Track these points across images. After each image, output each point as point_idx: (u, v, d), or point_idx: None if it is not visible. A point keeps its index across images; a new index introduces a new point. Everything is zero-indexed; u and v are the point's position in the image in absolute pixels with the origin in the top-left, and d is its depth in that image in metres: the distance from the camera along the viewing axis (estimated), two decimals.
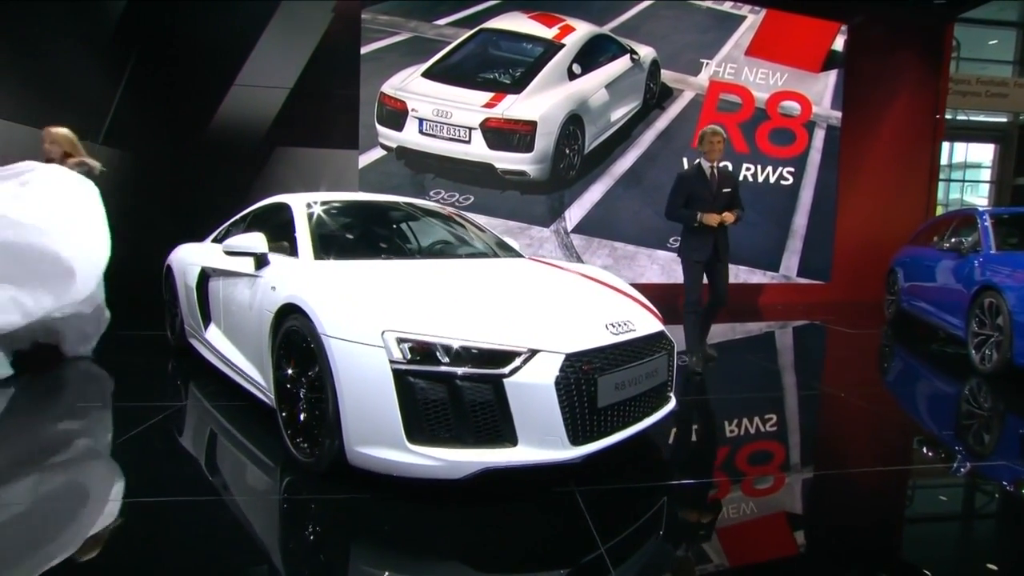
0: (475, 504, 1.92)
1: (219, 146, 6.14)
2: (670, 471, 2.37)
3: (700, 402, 3.25)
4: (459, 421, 1.83)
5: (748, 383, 3.75)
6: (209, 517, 1.86)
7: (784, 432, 2.87)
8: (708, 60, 7.05)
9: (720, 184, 3.65)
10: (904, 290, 5.70)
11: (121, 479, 2.18)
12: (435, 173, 6.45)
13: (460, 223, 3.49)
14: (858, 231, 7.65)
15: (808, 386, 3.78)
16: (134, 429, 2.57)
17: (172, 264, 4.03)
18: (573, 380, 1.87)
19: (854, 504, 2.14)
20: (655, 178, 6.99)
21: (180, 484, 2.08)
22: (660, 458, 2.48)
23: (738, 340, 5.39)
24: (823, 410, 3.25)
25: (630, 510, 1.94)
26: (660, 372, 2.26)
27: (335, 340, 1.93)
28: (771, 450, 2.64)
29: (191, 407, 2.98)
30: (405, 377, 1.81)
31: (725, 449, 2.61)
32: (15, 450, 2.42)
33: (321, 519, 1.88)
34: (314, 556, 1.67)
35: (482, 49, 6.45)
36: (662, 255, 7.06)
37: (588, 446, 1.90)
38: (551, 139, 6.42)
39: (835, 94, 7.49)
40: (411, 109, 6.17)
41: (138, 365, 3.84)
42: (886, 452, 2.66)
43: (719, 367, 3.92)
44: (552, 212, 6.79)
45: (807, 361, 4.85)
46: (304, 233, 2.69)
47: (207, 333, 3.35)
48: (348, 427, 1.89)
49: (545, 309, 2.14)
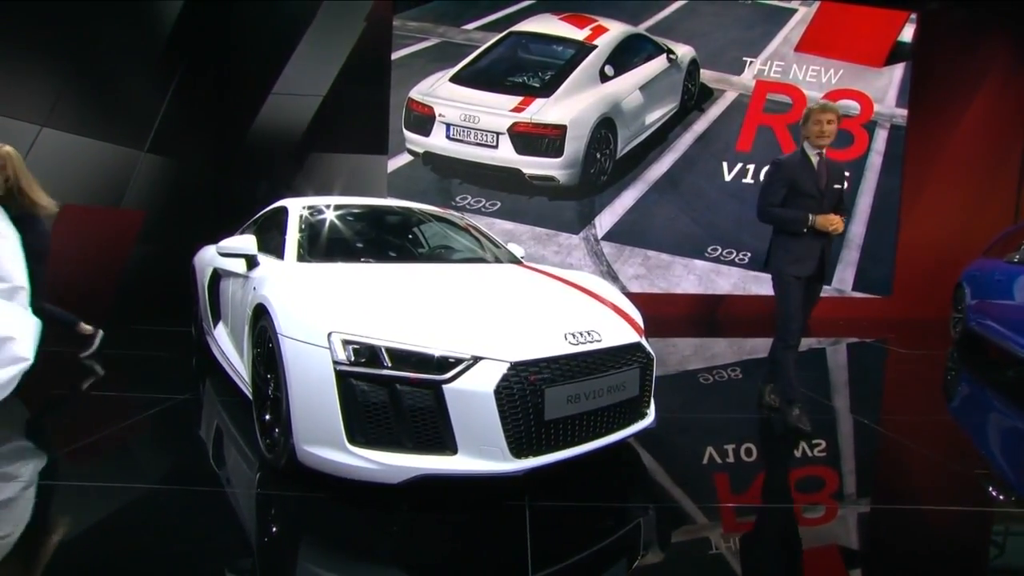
0: (422, 510, 1.94)
1: (257, 153, 6.55)
2: (637, 493, 2.28)
3: (712, 422, 3.11)
4: (399, 425, 1.86)
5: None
6: (163, 505, 1.98)
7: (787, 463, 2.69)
8: (752, 58, 6.78)
9: (830, 179, 2.86)
10: (972, 308, 5.20)
11: (97, 464, 2.36)
12: (462, 179, 6.56)
13: (460, 228, 3.53)
14: (925, 241, 7.07)
15: (853, 412, 3.44)
16: (131, 418, 2.79)
17: (195, 264, 4.32)
18: (517, 390, 1.85)
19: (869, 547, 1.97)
20: (692, 183, 6.79)
21: (151, 472, 2.23)
22: (635, 477, 2.39)
23: None
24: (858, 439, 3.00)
25: (578, 533, 1.89)
26: (629, 386, 2.19)
27: (288, 340, 2.02)
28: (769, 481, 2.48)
29: (192, 401, 3.18)
30: (347, 379, 1.86)
31: (718, 475, 2.46)
32: (6, 432, 2.68)
33: (270, 515, 1.97)
34: (248, 550, 1.74)
35: (511, 53, 6.52)
36: (699, 265, 6.82)
37: (531, 460, 1.88)
38: (581, 143, 6.38)
39: (901, 90, 6.98)
40: (438, 114, 6.32)
41: (157, 359, 4.15)
42: (936, 493, 2.42)
43: (746, 385, 3.72)
44: (582, 219, 6.73)
45: (858, 385, 4.36)
46: (293, 236, 2.83)
47: (216, 331, 3.57)
48: (296, 426, 1.97)
49: (504, 316, 2.13)
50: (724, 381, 4.15)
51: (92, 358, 3.97)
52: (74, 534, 1.79)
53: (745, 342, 5.70)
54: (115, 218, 5.34)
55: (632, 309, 2.62)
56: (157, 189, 5.70)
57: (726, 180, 6.82)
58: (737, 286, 6.88)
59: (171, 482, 2.18)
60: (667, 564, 1.77)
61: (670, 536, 1.93)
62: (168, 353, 4.31)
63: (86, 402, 3.14)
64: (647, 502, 2.18)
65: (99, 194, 5.11)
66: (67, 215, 4.68)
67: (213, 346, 3.66)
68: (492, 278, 2.72)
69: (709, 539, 1.90)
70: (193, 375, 3.76)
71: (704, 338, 5.88)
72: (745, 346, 5.54)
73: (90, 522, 1.88)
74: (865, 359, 5.26)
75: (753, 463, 2.58)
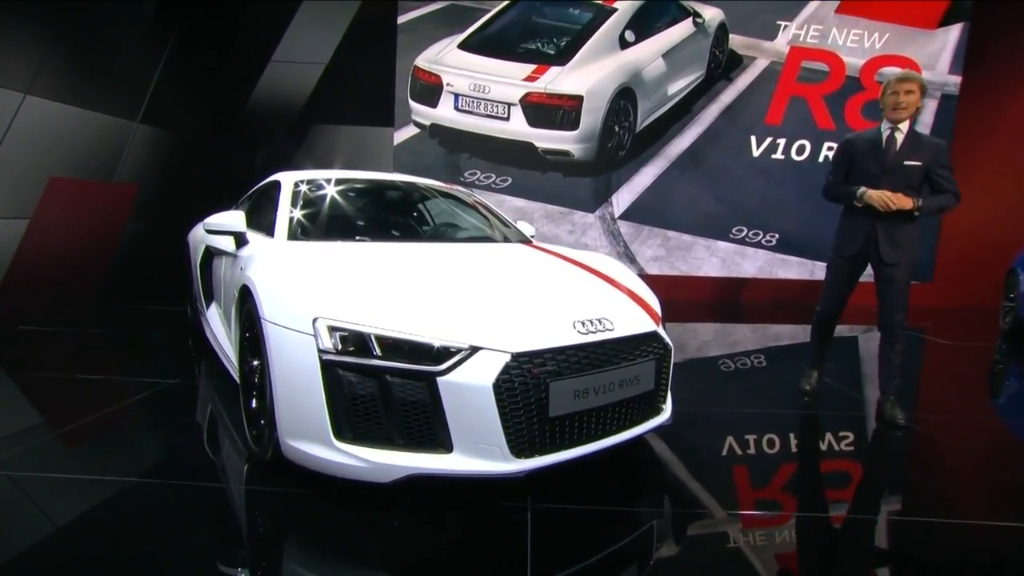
0: (415, 510, 1.87)
1: (256, 124, 6.45)
2: (648, 496, 2.18)
3: (727, 417, 2.99)
4: (389, 420, 1.76)
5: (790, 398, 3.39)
6: (139, 501, 1.92)
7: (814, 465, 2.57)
8: (787, 22, 6.46)
9: (902, 154, 2.71)
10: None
11: (72, 454, 2.31)
12: (471, 153, 6.41)
13: (467, 205, 3.41)
14: (972, 223, 6.74)
15: (873, 405, 3.33)
16: (116, 404, 2.74)
17: (189, 241, 4.26)
18: (519, 384, 1.74)
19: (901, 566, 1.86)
20: (717, 160, 6.56)
21: (130, 465, 2.18)
22: (647, 478, 2.29)
23: (796, 345, 4.94)
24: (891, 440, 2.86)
25: (584, 538, 1.79)
26: (644, 379, 2.07)
27: (271, 325, 1.93)
28: (795, 485, 2.36)
29: (182, 386, 3.13)
30: (334, 368, 1.77)
31: (738, 477, 2.35)
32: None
33: (255, 513, 1.89)
34: (230, 551, 1.68)
35: (524, 17, 6.29)
36: (723, 247, 6.63)
37: (533, 460, 1.78)
38: (599, 115, 6.18)
39: (955, 55, 6.56)
40: (446, 84, 6.15)
41: (150, 340, 4.12)
42: (979, 504, 2.29)
43: (770, 377, 3.58)
44: (598, 196, 6.55)
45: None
46: (284, 212, 2.73)
47: (208, 312, 3.52)
48: (280, 418, 1.89)
49: (507, 301, 2.02)
50: (747, 370, 4.01)
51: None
52: (39, 529, 1.74)
53: (770, 328, 5.54)
54: (107, 192, 5.29)
55: (649, 295, 2.49)
56: (151, 162, 5.64)
57: (754, 156, 6.57)
58: (763, 269, 6.68)
59: (151, 475, 2.12)
60: (680, 575, 1.67)
61: (684, 544, 1.83)
62: (162, 334, 4.28)
63: (71, 385, 3.10)
64: (660, 506, 2.08)
65: (90, 167, 5.06)
66: (56, 189, 4.65)
67: (206, 328, 3.61)
68: (497, 259, 2.61)
69: (727, 549, 1.80)
70: (186, 358, 3.72)
71: (726, 323, 5.73)
72: (770, 333, 5.38)
73: (56, 517, 1.82)
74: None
75: (775, 463, 2.46)
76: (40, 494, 1.94)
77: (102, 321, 4.34)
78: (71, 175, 4.84)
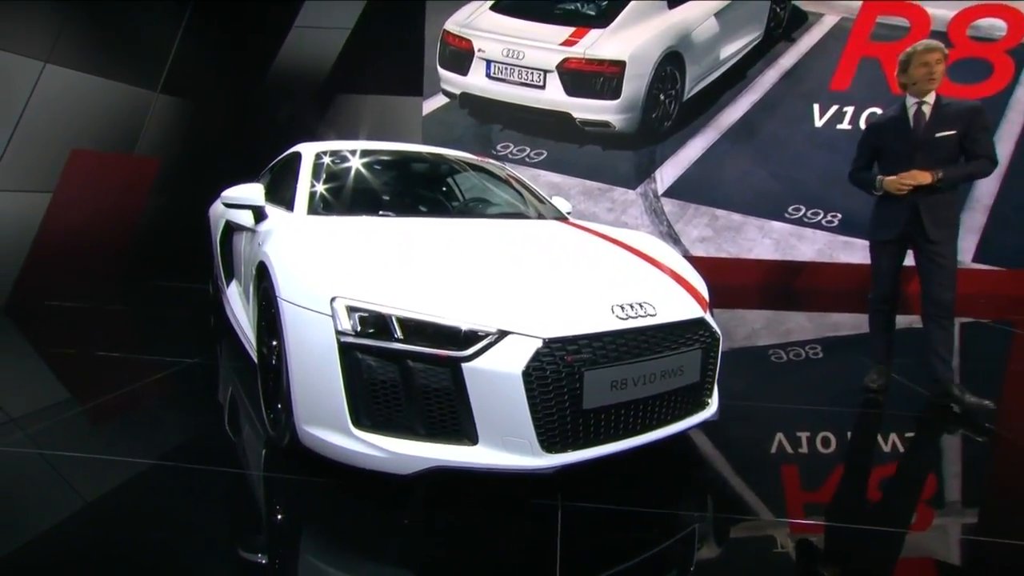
0: (436, 505, 1.85)
1: (279, 92, 6.50)
2: (690, 497, 2.11)
3: (779, 413, 2.87)
4: (410, 408, 1.74)
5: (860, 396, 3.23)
6: (152, 484, 1.97)
7: (875, 470, 2.44)
8: None
9: (933, 126, 2.72)
10: None
11: (87, 434, 2.39)
12: (503, 124, 6.32)
13: (499, 179, 3.35)
14: None
15: (966, 411, 3.09)
16: (134, 383, 2.82)
17: (210, 215, 4.33)
18: (550, 372, 1.69)
19: None
20: (774, 131, 6.29)
21: (143, 446, 2.23)
22: (689, 478, 2.22)
23: (859, 336, 4.72)
24: (971, 447, 2.70)
25: (618, 542, 1.74)
26: (689, 370, 1.99)
27: (287, 304, 1.92)
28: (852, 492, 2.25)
29: (201, 366, 3.21)
30: (352, 352, 1.75)
31: (790, 479, 2.25)
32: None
33: (272, 501, 1.91)
34: (244, 539, 1.69)
35: None
36: (778, 227, 6.39)
37: (564, 455, 1.73)
38: (642, 83, 6.00)
39: None
40: (477, 49, 6.05)
41: (172, 318, 4.23)
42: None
43: (828, 370, 3.43)
44: (640, 171, 6.39)
45: (973, 376, 3.69)
46: (304, 185, 2.73)
47: (229, 290, 3.58)
48: (297, 403, 1.89)
49: (540, 282, 1.96)
50: (801, 362, 3.87)
51: None
52: (47, 511, 1.79)
53: (828, 317, 5.34)
54: (129, 165, 5.43)
55: (696, 277, 2.40)
56: (172, 133, 5.76)
57: (816, 126, 6.26)
58: (822, 253, 6.41)
59: (166, 458, 2.16)
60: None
61: (727, 551, 1.76)
62: (184, 312, 4.39)
63: (90, 363, 3.20)
64: (702, 509, 2.01)
65: (110, 139, 5.19)
66: (78, 162, 4.79)
67: (226, 307, 3.68)
68: (530, 237, 2.55)
69: (774, 558, 1.72)
70: (208, 338, 3.81)
71: (779, 311, 5.54)
72: (827, 321, 5.17)
73: (68, 498, 1.88)
74: (983, 344, 4.77)
75: (831, 466, 2.34)
76: (52, 474, 2.00)
77: (126, 298, 4.48)
78: (92, 147, 4.98)
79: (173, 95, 5.63)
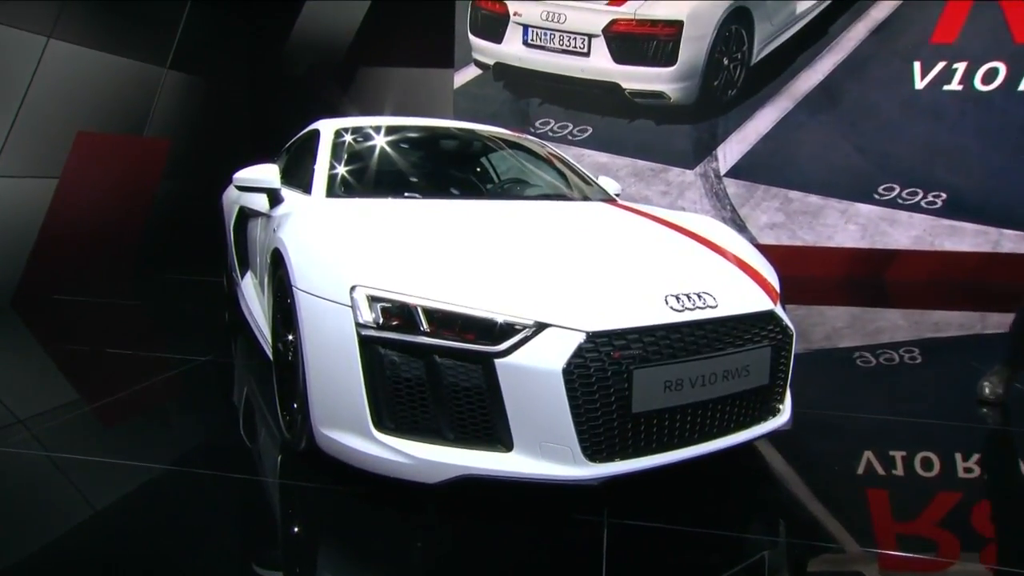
0: (465, 517, 1.87)
1: (296, 67, 6.65)
2: (757, 519, 2.06)
3: (865, 425, 2.78)
4: (438, 409, 1.76)
5: (958, 406, 3.10)
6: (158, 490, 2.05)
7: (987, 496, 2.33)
8: None
9: None
10: None
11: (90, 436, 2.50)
12: (542, 98, 6.30)
13: (539, 157, 3.36)
14: None
15: None
16: (142, 382, 2.95)
17: (223, 201, 4.47)
18: (595, 370, 1.68)
19: None
20: (862, 96, 6.07)
21: (150, 449, 2.33)
22: (756, 497, 2.17)
23: (968, 337, 4.54)
24: None
25: (672, 566, 1.72)
26: (756, 371, 1.95)
27: (303, 294, 1.96)
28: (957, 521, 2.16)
29: (214, 364, 3.32)
30: (374, 346, 1.78)
31: (876, 503, 2.17)
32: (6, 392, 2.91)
33: (288, 510, 1.97)
34: (256, 550, 1.75)
35: None
36: (864, 210, 6.18)
37: (610, 465, 1.71)
38: (703, 45, 5.89)
39: None
40: (513, 13, 6.05)
41: (184, 313, 4.40)
42: None
43: (928, 377, 3.29)
44: (699, 148, 6.28)
45: None
46: (323, 166, 2.79)
47: (243, 281, 3.69)
48: (313, 404, 1.93)
49: (583, 269, 1.95)
50: (894, 366, 3.73)
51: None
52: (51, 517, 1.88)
53: (929, 315, 5.14)
54: (138, 148, 5.65)
55: (765, 265, 2.35)
56: (183, 113, 5.96)
57: (917, 88, 6.01)
58: (921, 239, 6.17)
59: (175, 463, 2.24)
60: None
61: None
62: (196, 307, 4.56)
63: (97, 361, 3.36)
64: (773, 534, 1.97)
65: (118, 119, 5.40)
66: (84, 144, 5.01)
67: (241, 300, 3.80)
68: (573, 220, 2.54)
69: None
70: (221, 334, 3.94)
71: (866, 308, 5.36)
72: (928, 321, 4.97)
73: (73, 504, 1.97)
74: None
75: (932, 490, 2.25)
76: (57, 478, 2.11)
77: (136, 292, 4.68)
78: (99, 129, 5.20)
79: (183, 71, 5.83)
